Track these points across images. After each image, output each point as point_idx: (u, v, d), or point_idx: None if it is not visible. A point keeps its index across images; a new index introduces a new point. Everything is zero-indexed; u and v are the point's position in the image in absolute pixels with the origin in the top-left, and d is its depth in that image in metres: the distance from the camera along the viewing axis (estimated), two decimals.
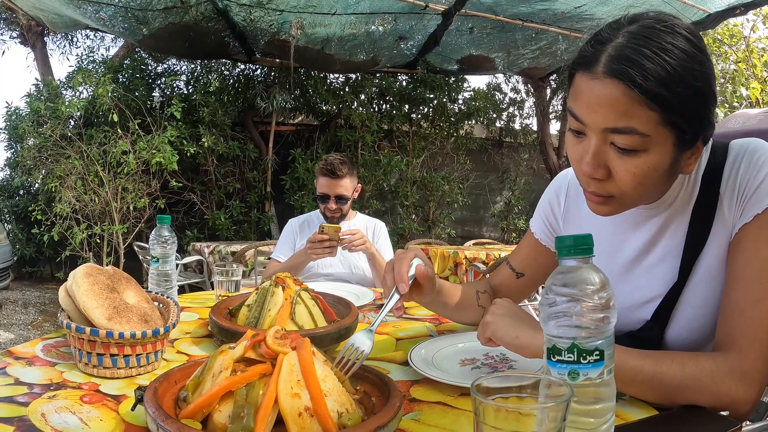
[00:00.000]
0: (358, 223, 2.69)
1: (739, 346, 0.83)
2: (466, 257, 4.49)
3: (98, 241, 6.42)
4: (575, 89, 0.84)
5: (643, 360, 0.83)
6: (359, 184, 2.68)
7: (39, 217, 6.25)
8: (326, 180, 2.53)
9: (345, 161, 2.54)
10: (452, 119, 8.20)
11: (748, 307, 0.84)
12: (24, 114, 6.75)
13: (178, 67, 7.73)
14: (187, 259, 5.33)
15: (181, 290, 4.96)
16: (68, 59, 10.95)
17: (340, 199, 2.54)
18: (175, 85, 7.43)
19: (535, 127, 9.08)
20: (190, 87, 7.56)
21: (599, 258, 0.64)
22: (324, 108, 7.69)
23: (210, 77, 7.65)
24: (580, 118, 0.83)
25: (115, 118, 6.12)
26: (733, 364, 0.82)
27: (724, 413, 0.83)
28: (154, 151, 6.14)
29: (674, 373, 0.82)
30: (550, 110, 8.43)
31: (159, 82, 7.53)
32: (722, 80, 8.21)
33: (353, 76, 7.58)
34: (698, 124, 0.81)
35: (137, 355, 0.97)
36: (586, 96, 0.81)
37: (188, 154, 6.57)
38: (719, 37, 8.50)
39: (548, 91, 8.37)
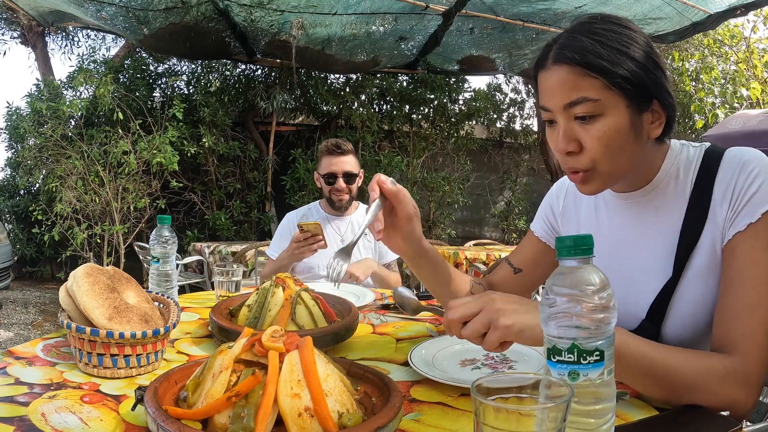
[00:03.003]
0: (359, 216, 2.55)
1: (741, 351, 0.86)
2: (466, 258, 4.49)
3: (99, 241, 6.42)
4: (538, 87, 0.98)
5: (658, 352, 0.84)
6: (362, 170, 2.54)
7: (39, 217, 6.26)
8: (331, 158, 2.40)
9: (348, 141, 2.45)
10: (453, 120, 8.20)
11: (746, 313, 0.87)
12: (25, 114, 6.75)
13: (179, 68, 7.73)
14: (187, 260, 5.33)
15: (182, 290, 4.96)
16: (69, 59, 10.96)
17: (349, 177, 2.40)
18: (175, 85, 7.43)
19: (535, 128, 9.09)
20: (190, 87, 7.56)
21: (596, 254, 0.65)
22: (324, 108, 7.70)
23: (211, 77, 7.65)
24: (545, 107, 0.96)
25: (120, 116, 6.13)
26: (737, 368, 0.84)
27: (724, 413, 0.83)
28: (154, 152, 6.15)
29: (686, 370, 0.83)
30: None
31: (160, 82, 7.54)
32: (723, 81, 8.21)
33: (354, 76, 7.58)
34: (644, 86, 0.91)
35: (137, 355, 0.97)
36: (544, 86, 0.95)
37: (189, 155, 6.58)
38: (720, 37, 8.49)
39: None
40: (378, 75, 7.61)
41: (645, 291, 1.02)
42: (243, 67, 7.57)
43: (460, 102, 8.45)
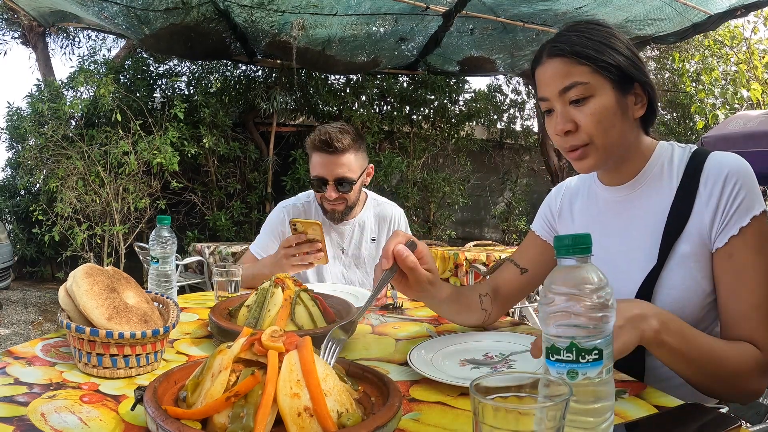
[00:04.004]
0: (368, 215, 2.10)
1: (761, 344, 0.97)
2: (466, 259, 4.49)
3: (99, 241, 6.42)
4: (536, 81, 1.11)
5: (715, 342, 0.95)
6: (371, 165, 2.00)
7: (40, 217, 6.26)
8: (320, 157, 1.85)
9: (348, 130, 1.86)
10: (453, 120, 8.20)
11: (753, 313, 0.99)
12: (25, 114, 6.76)
13: (180, 68, 7.74)
14: (187, 260, 5.33)
15: (182, 291, 4.96)
16: (70, 59, 10.98)
17: (342, 183, 1.85)
18: (176, 85, 7.44)
19: (535, 129, 9.09)
20: (191, 88, 7.57)
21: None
22: (325, 109, 7.70)
23: (211, 78, 7.66)
24: (543, 97, 1.09)
25: (119, 117, 6.13)
26: (762, 361, 0.97)
27: (723, 409, 0.84)
28: (155, 152, 6.15)
29: (732, 361, 0.94)
30: None
31: (160, 82, 7.54)
32: (723, 82, 8.21)
33: (354, 77, 7.58)
34: (626, 71, 1.04)
35: (137, 355, 0.97)
36: (541, 79, 1.09)
37: (189, 155, 6.58)
38: (720, 38, 8.49)
39: None
40: (378, 76, 7.61)
41: (631, 280, 1.09)
42: (243, 67, 7.57)
43: (461, 103, 8.45)
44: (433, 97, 7.86)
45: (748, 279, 0.99)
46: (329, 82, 7.67)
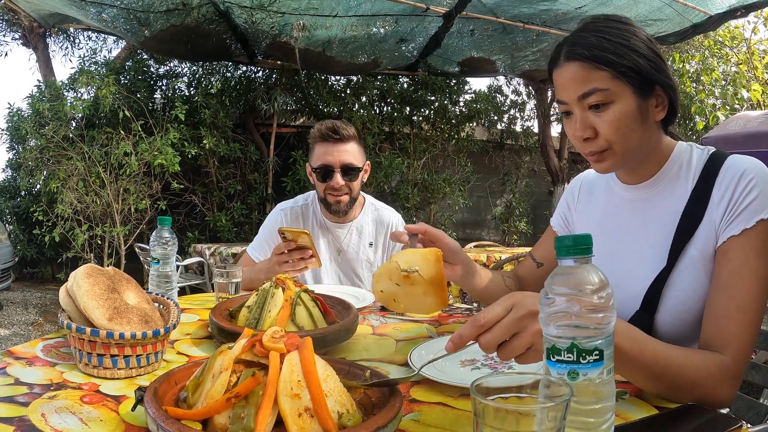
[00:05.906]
0: (366, 219, 2.10)
1: (732, 351, 0.93)
2: None
3: (99, 242, 6.42)
4: (554, 83, 1.09)
5: (667, 351, 0.88)
6: (368, 162, 2.03)
7: (40, 218, 6.26)
8: (326, 146, 1.88)
9: (349, 123, 1.94)
10: (453, 121, 8.20)
11: (737, 315, 0.94)
12: (26, 115, 6.76)
13: (180, 69, 7.74)
14: (187, 261, 5.33)
15: (182, 292, 4.96)
16: (70, 60, 11.01)
17: (349, 170, 1.87)
18: (176, 86, 7.44)
19: (536, 130, 9.09)
20: (191, 89, 7.57)
21: (598, 238, 0.66)
22: (325, 110, 7.70)
23: (211, 79, 7.66)
24: (561, 100, 1.07)
25: (126, 113, 6.13)
26: (730, 368, 0.92)
27: (723, 410, 0.84)
28: (155, 153, 6.15)
29: (689, 371, 0.88)
30: (552, 112, 8.43)
31: (161, 83, 7.54)
32: (723, 82, 8.20)
33: (354, 78, 7.59)
34: (647, 74, 1.01)
35: (137, 355, 0.97)
36: (559, 82, 1.06)
37: (189, 156, 6.58)
38: (720, 39, 8.49)
39: (549, 93, 8.36)
40: (378, 77, 7.61)
41: (641, 279, 1.08)
42: (244, 68, 7.57)
43: (461, 104, 8.45)
44: (433, 98, 7.87)
45: (741, 280, 0.95)
46: (329, 83, 7.67)
